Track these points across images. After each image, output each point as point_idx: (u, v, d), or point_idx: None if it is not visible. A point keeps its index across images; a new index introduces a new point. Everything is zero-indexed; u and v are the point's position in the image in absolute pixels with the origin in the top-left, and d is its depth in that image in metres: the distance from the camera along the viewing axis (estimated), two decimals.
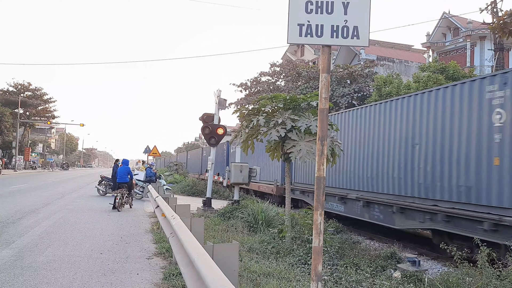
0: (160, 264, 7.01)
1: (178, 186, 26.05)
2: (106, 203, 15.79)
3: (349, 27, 4.09)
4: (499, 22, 8.88)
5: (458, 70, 22.80)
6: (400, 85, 22.31)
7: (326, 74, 4.11)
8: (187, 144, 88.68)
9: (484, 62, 31.06)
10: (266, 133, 8.82)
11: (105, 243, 8.59)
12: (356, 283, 6.52)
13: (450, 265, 7.81)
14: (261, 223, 10.40)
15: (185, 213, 7.45)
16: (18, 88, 57.21)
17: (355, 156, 12.31)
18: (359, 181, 11.94)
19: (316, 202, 4.10)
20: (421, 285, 6.55)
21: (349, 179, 12.56)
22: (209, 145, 15.19)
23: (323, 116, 4.12)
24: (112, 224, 11.12)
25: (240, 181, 13.85)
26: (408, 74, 31.53)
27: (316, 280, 3.99)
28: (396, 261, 8.67)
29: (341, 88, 25.84)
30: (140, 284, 5.83)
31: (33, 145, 68.05)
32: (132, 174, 15.77)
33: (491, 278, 5.69)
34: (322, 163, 4.09)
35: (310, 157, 8.28)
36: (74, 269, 6.45)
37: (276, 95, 9.61)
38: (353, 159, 12.37)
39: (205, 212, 13.53)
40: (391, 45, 41.86)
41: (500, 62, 20.74)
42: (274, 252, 8.05)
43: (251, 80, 33.15)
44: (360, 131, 12.17)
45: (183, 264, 4.73)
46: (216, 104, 14.71)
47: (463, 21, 32.67)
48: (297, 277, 6.33)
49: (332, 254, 8.01)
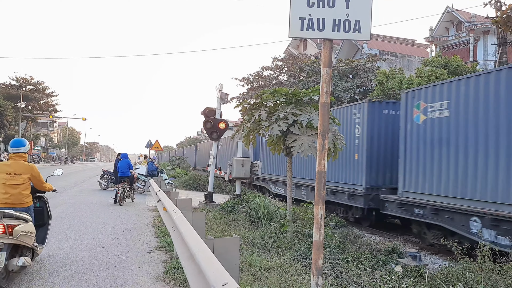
0: (162, 258, 7.03)
1: (180, 180, 26.06)
2: (108, 197, 15.83)
3: (350, 21, 4.06)
4: (503, 16, 8.83)
5: (461, 64, 22.66)
6: (403, 80, 22.21)
7: (328, 68, 4.09)
8: (189, 139, 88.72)
9: (487, 57, 30.89)
10: (268, 128, 8.81)
11: (106, 237, 8.63)
12: (356, 277, 6.53)
13: (451, 260, 7.82)
14: (262, 217, 10.41)
15: (187, 207, 7.46)
16: (20, 82, 57.21)
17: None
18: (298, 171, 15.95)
19: (317, 197, 4.10)
20: (422, 279, 6.57)
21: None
22: (211, 139, 15.19)
23: (324, 110, 4.11)
24: (114, 218, 11.16)
25: (242, 176, 13.87)
26: (410, 68, 31.40)
27: (316, 274, 4.00)
28: (397, 256, 8.69)
29: (343, 83, 25.76)
30: (142, 277, 5.85)
31: (36, 139, 68.17)
32: (132, 166, 15.77)
33: (491, 273, 5.70)
34: (323, 157, 4.08)
35: (312, 151, 8.27)
36: (76, 262, 6.48)
37: (278, 90, 9.59)
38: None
39: (206, 206, 13.55)
40: (394, 40, 41.65)
41: (503, 57, 20.62)
42: (275, 247, 8.07)
43: (253, 75, 33.08)
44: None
45: (184, 258, 4.74)
46: (218, 99, 14.69)
47: (467, 15, 32.45)
48: (298, 271, 6.35)
49: (333, 248, 8.03)
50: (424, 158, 10.01)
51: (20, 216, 5.27)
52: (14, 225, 5.06)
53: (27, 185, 5.64)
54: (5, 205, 5.37)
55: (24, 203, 5.56)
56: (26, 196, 5.60)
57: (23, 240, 5.16)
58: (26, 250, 5.37)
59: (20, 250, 5.27)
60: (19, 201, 5.49)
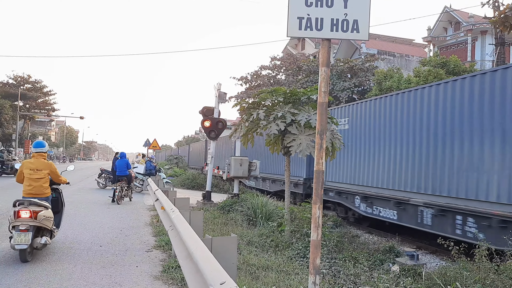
0: (159, 256, 7.03)
1: (178, 179, 26.05)
2: (106, 196, 15.81)
3: (349, 20, 4.07)
4: (500, 16, 8.84)
5: (459, 64, 22.73)
6: (401, 80, 22.25)
7: (326, 68, 4.10)
8: (187, 138, 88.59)
9: (485, 57, 30.95)
10: (266, 127, 8.81)
11: (104, 235, 8.62)
12: (354, 276, 6.54)
13: (448, 259, 7.85)
14: (260, 216, 10.42)
15: (185, 206, 7.46)
16: (18, 80, 56.95)
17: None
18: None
19: (315, 196, 4.11)
20: (419, 279, 6.59)
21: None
22: (209, 138, 15.19)
23: (323, 109, 4.11)
24: (112, 217, 11.15)
25: (240, 175, 13.86)
26: (409, 68, 31.43)
27: (314, 273, 4.01)
28: (394, 255, 8.71)
29: (341, 82, 25.78)
30: (139, 276, 5.85)
31: (33, 137, 67.87)
32: (130, 166, 15.77)
33: (488, 273, 5.72)
34: (321, 156, 4.09)
35: (310, 151, 8.28)
36: (74, 261, 6.48)
37: (276, 89, 9.60)
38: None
39: (204, 205, 13.55)
40: (392, 39, 41.70)
41: (501, 57, 20.67)
42: (273, 246, 8.08)
43: (251, 74, 33.06)
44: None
45: (182, 257, 4.74)
46: (216, 98, 14.68)
47: (465, 15, 32.51)
48: (296, 270, 6.36)
49: (331, 247, 8.04)
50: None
51: (42, 204, 6.52)
52: (38, 211, 6.36)
53: (46, 179, 6.87)
54: (29, 195, 6.65)
55: (45, 194, 6.82)
56: (46, 188, 6.86)
57: (45, 224, 6.45)
58: (47, 231, 6.64)
59: (41, 231, 6.52)
60: (40, 192, 6.74)
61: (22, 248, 6.14)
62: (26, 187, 6.68)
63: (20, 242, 6.12)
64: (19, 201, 6.46)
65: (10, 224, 6.33)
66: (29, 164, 6.80)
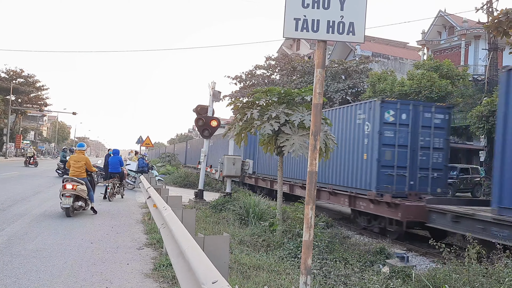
0: (151, 254, 7.02)
1: (171, 177, 25.98)
2: (98, 192, 15.71)
3: (345, 23, 4.09)
4: (494, 21, 8.93)
5: (452, 68, 22.91)
6: (394, 82, 22.37)
7: (321, 69, 4.12)
8: (180, 135, 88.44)
9: (478, 61, 31.20)
10: (260, 127, 8.82)
11: (95, 232, 8.58)
12: (345, 277, 6.58)
13: (438, 261, 7.91)
14: (252, 216, 10.42)
15: (177, 205, 7.45)
16: (10, 74, 56.39)
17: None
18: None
19: (307, 197, 4.13)
20: (408, 280, 6.64)
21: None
22: (202, 137, 15.17)
23: (317, 111, 4.13)
24: (103, 214, 11.10)
25: (233, 174, 13.86)
26: (402, 71, 31.59)
27: (305, 273, 4.03)
28: (385, 257, 8.77)
29: (335, 84, 25.87)
30: (130, 274, 5.84)
31: (25, 132, 67.40)
32: (123, 163, 15.70)
33: (477, 275, 5.77)
34: (314, 157, 4.11)
35: (303, 151, 8.30)
36: (64, 258, 6.44)
37: (270, 89, 9.61)
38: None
39: (196, 204, 13.54)
40: (387, 42, 41.91)
41: (494, 62, 20.84)
42: (264, 245, 8.09)
43: (246, 73, 33.06)
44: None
45: (173, 255, 4.74)
46: (210, 96, 14.67)
47: (459, 20, 32.75)
48: (287, 270, 6.38)
49: (322, 248, 8.07)
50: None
51: (79, 181, 10.22)
52: (77, 184, 10.04)
53: (83, 167, 10.55)
54: (72, 175, 10.30)
55: (82, 175, 10.47)
56: (83, 172, 10.52)
57: (81, 193, 10.09)
58: (82, 200, 10.32)
59: (78, 199, 10.20)
60: (79, 174, 10.43)
61: (67, 207, 9.82)
62: (71, 171, 10.41)
63: (65, 203, 9.80)
64: (66, 178, 10.26)
65: (60, 193, 10.02)
66: (73, 157, 10.77)
